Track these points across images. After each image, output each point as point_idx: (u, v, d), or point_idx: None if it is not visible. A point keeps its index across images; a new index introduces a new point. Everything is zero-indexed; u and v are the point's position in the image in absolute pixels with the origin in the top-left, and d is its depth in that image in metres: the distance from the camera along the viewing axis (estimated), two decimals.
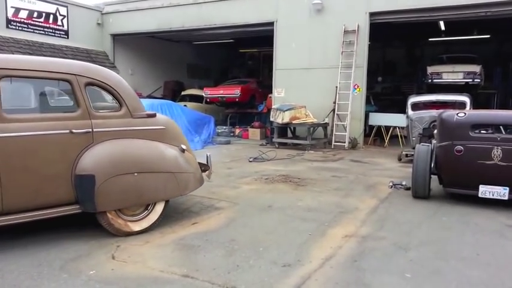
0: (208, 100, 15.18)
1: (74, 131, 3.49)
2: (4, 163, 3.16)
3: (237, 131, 13.91)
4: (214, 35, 15.64)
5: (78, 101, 3.59)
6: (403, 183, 5.98)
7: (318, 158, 9.24)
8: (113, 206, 3.62)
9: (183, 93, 16.58)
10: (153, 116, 4.08)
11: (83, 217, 3.73)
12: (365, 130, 11.73)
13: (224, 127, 14.15)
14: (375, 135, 12.02)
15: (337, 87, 11.29)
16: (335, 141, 11.11)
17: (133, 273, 3.04)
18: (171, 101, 12.03)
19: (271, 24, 12.43)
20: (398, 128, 11.46)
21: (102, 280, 2.90)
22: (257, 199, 5.28)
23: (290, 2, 12.08)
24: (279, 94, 12.33)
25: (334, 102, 11.33)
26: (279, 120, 10.71)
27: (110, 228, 3.68)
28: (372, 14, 11.16)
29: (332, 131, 11.24)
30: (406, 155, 8.64)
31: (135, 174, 3.69)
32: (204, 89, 15.20)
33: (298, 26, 11.94)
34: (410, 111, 8.76)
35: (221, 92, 14.63)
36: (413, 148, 6.26)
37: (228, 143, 11.90)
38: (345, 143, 10.97)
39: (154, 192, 3.87)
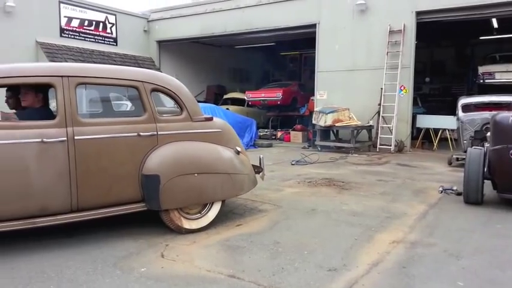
0: (250, 103, 15.31)
1: (141, 133, 3.71)
2: (80, 164, 3.41)
3: (279, 134, 13.92)
4: (255, 39, 15.78)
5: (144, 106, 3.80)
6: (454, 188, 5.73)
7: (362, 161, 9.06)
8: (175, 204, 3.80)
9: (225, 96, 16.84)
10: (211, 119, 4.25)
11: (130, 217, 3.89)
12: (412, 133, 11.36)
13: (266, 130, 14.22)
14: (423, 138, 11.60)
15: (382, 88, 11.03)
16: (380, 144, 10.84)
17: (182, 271, 3.13)
18: (214, 105, 12.27)
19: (313, 26, 12.36)
20: (448, 130, 11.00)
21: (153, 277, 3.00)
22: (300, 202, 5.26)
23: (333, 4, 11.96)
24: (321, 96, 12.22)
25: (379, 104, 11.07)
26: (322, 123, 10.61)
27: (171, 226, 3.86)
28: (418, 13, 10.82)
29: (377, 133, 10.98)
30: (457, 159, 8.28)
31: (196, 174, 3.85)
32: (246, 92, 15.34)
33: (341, 27, 11.80)
34: (460, 113, 8.38)
35: (263, 95, 14.71)
36: (465, 152, 6.00)
37: (269, 146, 11.94)
38: (390, 146, 10.68)
39: (212, 192, 4.02)
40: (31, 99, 3.71)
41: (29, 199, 3.24)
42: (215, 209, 4.14)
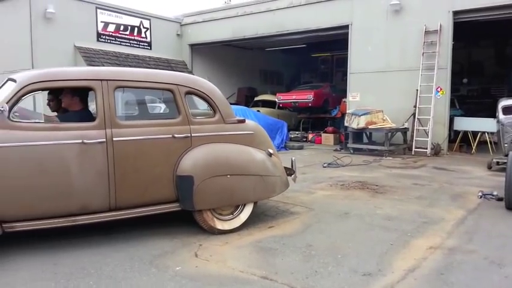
0: (280, 105, 15.29)
1: (176, 135, 3.79)
2: (118, 164, 3.52)
3: (310, 136, 13.82)
4: (286, 41, 15.76)
5: (179, 108, 3.89)
6: (495, 193, 5.50)
7: (396, 164, 8.86)
8: (208, 205, 3.86)
9: (256, 99, 16.89)
10: (243, 121, 4.29)
11: (165, 217, 3.97)
12: (449, 135, 11.00)
13: (297, 132, 14.15)
14: (461, 141, 11.20)
15: (417, 90, 10.75)
16: (416, 147, 10.56)
17: (215, 271, 3.16)
18: (245, 107, 12.33)
19: (346, 27, 12.21)
20: (487, 133, 10.58)
21: (187, 276, 3.04)
22: (333, 205, 5.20)
23: (366, 4, 11.78)
24: (353, 98, 12.04)
25: (415, 106, 10.79)
26: (354, 125, 10.45)
27: (204, 226, 3.92)
28: (455, 13, 10.48)
29: (412, 136, 10.70)
30: (497, 163, 7.93)
31: (228, 176, 3.90)
32: (277, 94, 15.34)
33: (374, 28, 11.60)
34: (501, 115, 8.03)
35: (294, 97, 14.66)
36: (506, 155, 5.75)
37: (300, 148, 11.88)
38: (426, 149, 10.37)
39: (244, 194, 4.05)
40: (72, 102, 3.86)
41: (70, 198, 3.37)
42: (247, 210, 4.17)
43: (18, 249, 3.47)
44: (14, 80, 3.46)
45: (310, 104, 14.22)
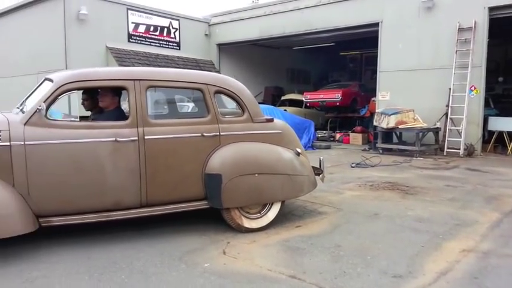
0: (308, 104, 15.19)
1: (204, 134, 3.85)
2: (149, 162, 3.61)
3: (338, 135, 13.66)
4: (314, 39, 15.64)
5: (208, 107, 3.95)
6: None
7: (428, 165, 8.63)
8: (236, 203, 3.89)
9: (282, 98, 16.86)
10: (271, 120, 4.30)
11: (193, 214, 4.03)
12: (483, 136, 10.63)
13: (324, 132, 14.03)
14: (496, 142, 10.80)
15: (450, 89, 10.44)
16: (448, 148, 10.26)
17: (243, 269, 3.18)
18: (272, 106, 12.31)
19: (375, 25, 12.00)
20: None
21: (216, 273, 3.08)
22: (362, 206, 5.12)
23: (397, 2, 11.53)
24: (383, 97, 11.82)
25: (447, 105, 10.48)
26: (384, 125, 10.26)
27: (232, 224, 3.95)
28: (491, 9, 10.10)
29: (444, 136, 10.40)
30: None
31: (256, 175, 3.92)
32: (304, 93, 15.25)
33: (405, 25, 11.34)
34: None
35: (321, 96, 14.54)
36: None
37: (328, 147, 11.77)
38: (459, 149, 10.06)
39: (272, 193, 4.06)
40: (108, 101, 3.98)
41: (104, 194, 3.48)
42: (275, 209, 4.17)
43: (54, 243, 3.60)
44: (50, 80, 3.59)
45: (338, 103, 14.06)
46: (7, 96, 14.88)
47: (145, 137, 3.61)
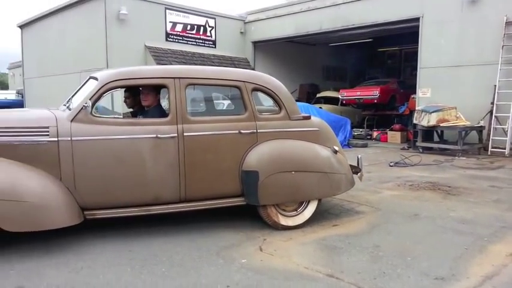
0: (344, 102, 14.95)
1: (242, 131, 3.88)
2: (188, 158, 3.68)
3: (375, 133, 13.36)
4: (351, 35, 15.36)
5: (245, 104, 3.98)
6: None
7: (471, 165, 8.28)
8: (272, 200, 3.90)
9: (318, 95, 16.67)
10: (308, 118, 4.28)
11: (229, 211, 4.08)
12: None
13: (361, 130, 13.77)
14: None
15: (495, 85, 9.96)
16: (492, 147, 9.79)
17: (280, 266, 3.18)
18: (307, 104, 12.21)
19: (416, 20, 11.61)
20: None
21: (253, 269, 3.10)
22: (401, 206, 4.99)
23: None
24: (423, 94, 11.43)
25: (492, 103, 10.00)
26: (424, 123, 9.94)
27: (268, 221, 3.96)
28: None
29: (489, 135, 9.94)
30: None
31: (293, 172, 3.91)
32: (340, 90, 15.01)
33: (447, 20, 10.91)
34: None
35: (358, 93, 14.26)
36: None
37: (364, 146, 11.54)
38: (504, 149, 9.58)
39: (309, 191, 4.03)
40: (151, 98, 4.08)
41: (144, 188, 3.58)
42: (311, 207, 4.14)
43: (97, 236, 3.74)
44: (95, 79, 3.73)
45: (376, 101, 13.74)
46: (52, 94, 15.59)
47: (185, 134, 3.68)
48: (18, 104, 19.66)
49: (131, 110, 4.74)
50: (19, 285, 2.78)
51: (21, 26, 19.89)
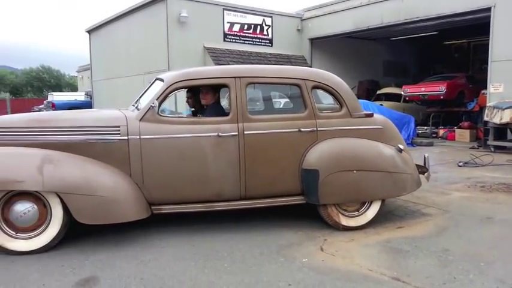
0: (407, 98, 14.30)
1: (302, 129, 3.85)
2: (248, 156, 3.73)
3: (441, 131, 12.64)
4: (415, 29, 14.65)
5: (305, 103, 3.95)
6: None
7: None
8: (333, 200, 3.84)
9: (378, 92, 16.12)
10: (371, 115, 4.16)
11: (287, 210, 4.05)
12: None
13: (425, 127, 13.10)
14: None
15: None
16: None
17: (342, 266, 3.11)
18: (367, 101, 11.84)
19: (487, 10, 10.79)
20: None
21: (314, 268, 3.06)
22: (471, 208, 4.68)
23: None
24: (495, 90, 10.62)
25: None
26: (496, 120, 9.24)
27: (329, 221, 3.91)
28: None
29: None
30: None
31: (354, 171, 3.82)
32: (403, 87, 14.37)
33: None
34: None
35: (423, 89, 13.56)
36: None
37: (430, 145, 10.96)
38: None
39: (371, 191, 3.92)
40: (209, 97, 4.18)
41: (207, 185, 3.68)
42: (374, 208, 4.02)
43: (161, 231, 3.89)
44: (161, 80, 3.89)
45: (442, 97, 12.97)
46: (118, 95, 16.53)
47: (245, 132, 3.72)
48: (87, 105, 21.05)
49: (193, 109, 4.88)
50: (93, 275, 2.97)
51: (89, 31, 21.28)
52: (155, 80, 4.11)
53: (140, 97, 4.10)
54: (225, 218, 4.15)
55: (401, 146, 4.11)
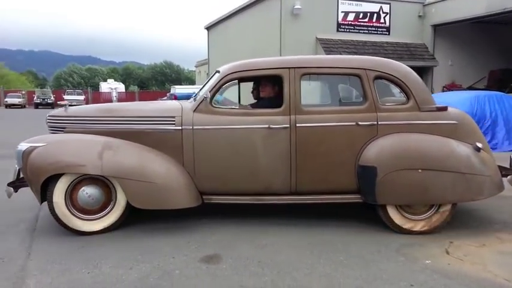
0: None
1: (359, 123, 3.60)
2: (300, 149, 3.61)
3: None
4: None
5: (366, 94, 3.67)
6: None
7: None
8: (393, 200, 3.53)
9: None
10: (444, 109, 3.70)
11: None
12: None
13: None
14: None
15: None
16: None
17: (472, 273, 2.83)
18: (500, 92, 10.51)
19: None
20: None
21: (438, 271, 2.84)
22: None
23: None
24: None
25: None
26: None
27: (389, 223, 3.62)
28: None
29: None
30: None
31: (419, 170, 3.44)
32: None
33: None
34: None
35: None
36: None
37: None
38: None
39: (440, 193, 3.49)
40: (267, 90, 4.06)
41: (256, 177, 3.64)
42: (443, 212, 3.59)
43: (277, 219, 3.99)
44: (218, 71, 3.94)
45: None
46: (232, 89, 17.34)
47: (297, 125, 3.58)
48: None
49: (256, 101, 4.81)
50: (216, 253, 3.19)
51: (208, 28, 22.70)
52: (215, 72, 4.11)
53: (201, 89, 4.14)
54: (338, 210, 4.08)
55: (479, 145, 3.56)
